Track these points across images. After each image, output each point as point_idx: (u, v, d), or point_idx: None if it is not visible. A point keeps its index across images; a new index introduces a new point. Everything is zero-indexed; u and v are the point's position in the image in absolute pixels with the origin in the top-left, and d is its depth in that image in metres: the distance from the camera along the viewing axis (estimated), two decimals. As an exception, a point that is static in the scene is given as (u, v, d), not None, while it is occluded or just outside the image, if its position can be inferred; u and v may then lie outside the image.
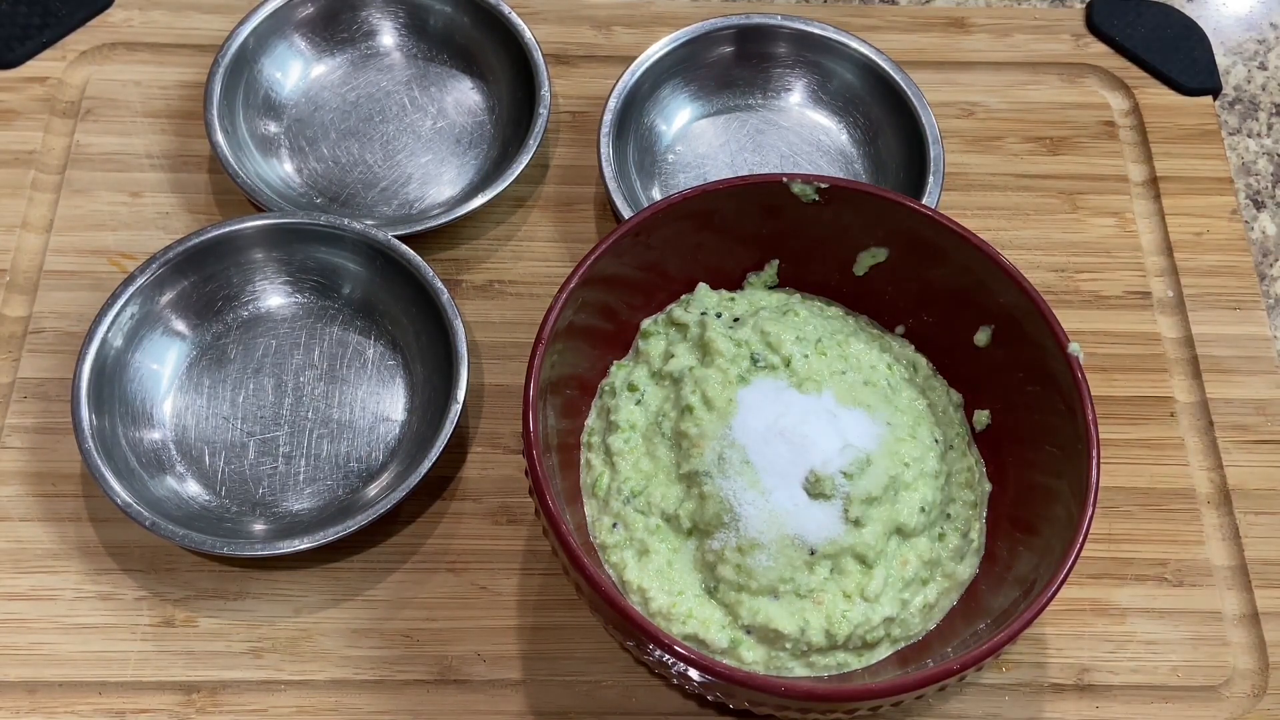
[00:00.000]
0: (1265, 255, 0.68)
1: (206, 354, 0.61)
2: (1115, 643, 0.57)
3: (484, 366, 0.63)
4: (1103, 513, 0.60)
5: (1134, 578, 0.59)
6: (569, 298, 0.52)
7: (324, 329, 0.62)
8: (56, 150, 0.67)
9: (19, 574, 0.56)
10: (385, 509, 0.55)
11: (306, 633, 0.56)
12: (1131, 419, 0.63)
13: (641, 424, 0.54)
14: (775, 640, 0.50)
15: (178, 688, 0.54)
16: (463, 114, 0.69)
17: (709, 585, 0.51)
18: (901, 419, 0.53)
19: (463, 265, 0.65)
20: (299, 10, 0.68)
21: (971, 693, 0.56)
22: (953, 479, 0.54)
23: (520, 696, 0.55)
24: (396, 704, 0.55)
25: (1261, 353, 0.65)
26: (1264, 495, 0.61)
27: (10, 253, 0.64)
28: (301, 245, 0.62)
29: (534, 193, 0.68)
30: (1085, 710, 0.56)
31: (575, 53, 0.72)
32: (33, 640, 0.55)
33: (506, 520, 0.59)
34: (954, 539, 0.53)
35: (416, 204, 0.66)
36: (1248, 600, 0.59)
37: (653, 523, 0.52)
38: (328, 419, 0.60)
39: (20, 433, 0.60)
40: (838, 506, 0.51)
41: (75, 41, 0.70)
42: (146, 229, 0.65)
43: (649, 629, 0.45)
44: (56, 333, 0.62)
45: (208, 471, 0.58)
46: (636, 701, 0.55)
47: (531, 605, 0.57)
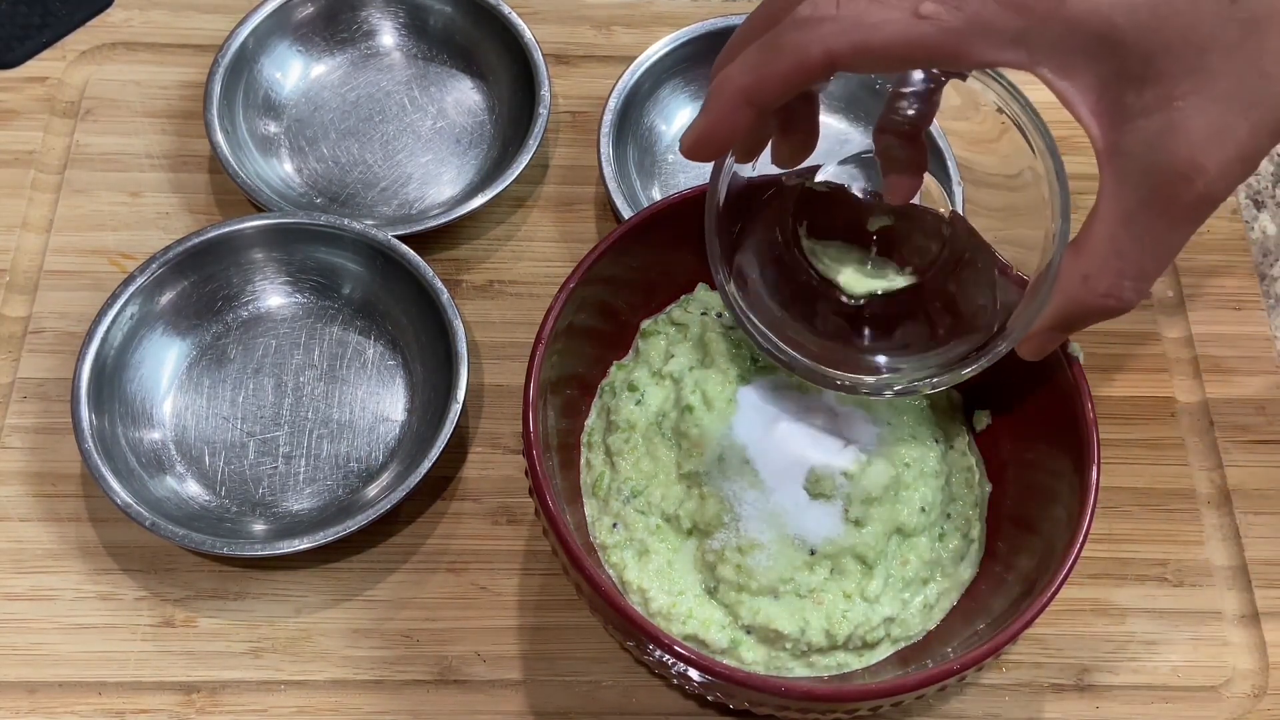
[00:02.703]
0: (1265, 255, 0.68)
1: (206, 354, 0.61)
2: (1115, 643, 0.57)
3: (484, 366, 0.63)
4: (1103, 513, 0.60)
5: (1134, 578, 0.59)
6: (569, 298, 0.52)
7: (324, 329, 0.62)
8: (56, 150, 0.67)
9: (19, 574, 0.56)
10: (385, 509, 0.55)
11: (306, 633, 0.56)
12: (1131, 419, 0.63)
13: (641, 424, 0.54)
14: (775, 640, 0.50)
15: (177, 688, 0.54)
16: (463, 114, 0.69)
17: (709, 585, 0.51)
18: (901, 419, 0.53)
19: (463, 265, 0.65)
20: (299, 10, 0.68)
21: (971, 693, 0.56)
22: (953, 479, 0.54)
23: (520, 696, 0.55)
24: (396, 704, 0.55)
25: (1262, 353, 0.65)
26: (1264, 495, 0.61)
27: (10, 253, 0.64)
28: (301, 245, 0.62)
29: (534, 193, 0.68)
30: (1085, 710, 0.56)
31: (575, 53, 0.72)
32: (32, 640, 0.55)
33: (506, 520, 0.59)
34: (954, 539, 0.53)
35: (416, 204, 0.66)
36: (1248, 600, 0.59)
37: (653, 523, 0.52)
38: (328, 419, 0.60)
39: (20, 433, 0.60)
40: (838, 506, 0.51)
41: (75, 41, 0.70)
42: (146, 229, 0.65)
43: (649, 629, 0.45)
44: (56, 333, 0.62)
45: (207, 471, 0.58)
46: (636, 702, 0.55)
47: (531, 605, 0.57)
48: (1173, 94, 0.40)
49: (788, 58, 0.39)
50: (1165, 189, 0.41)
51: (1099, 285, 0.44)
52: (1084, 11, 0.39)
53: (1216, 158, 0.41)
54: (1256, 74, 0.40)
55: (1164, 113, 0.40)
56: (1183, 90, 0.40)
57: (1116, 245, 0.43)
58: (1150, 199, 0.42)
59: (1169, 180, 0.41)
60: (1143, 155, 0.41)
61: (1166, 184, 0.41)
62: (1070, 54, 0.40)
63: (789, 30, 0.40)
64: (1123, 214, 0.42)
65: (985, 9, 0.38)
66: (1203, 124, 0.40)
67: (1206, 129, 0.40)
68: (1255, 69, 0.40)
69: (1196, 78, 0.40)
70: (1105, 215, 0.43)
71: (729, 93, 0.41)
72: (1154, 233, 0.43)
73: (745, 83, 0.41)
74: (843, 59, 0.39)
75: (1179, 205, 0.42)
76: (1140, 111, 0.41)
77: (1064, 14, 0.39)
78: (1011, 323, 0.46)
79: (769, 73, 0.40)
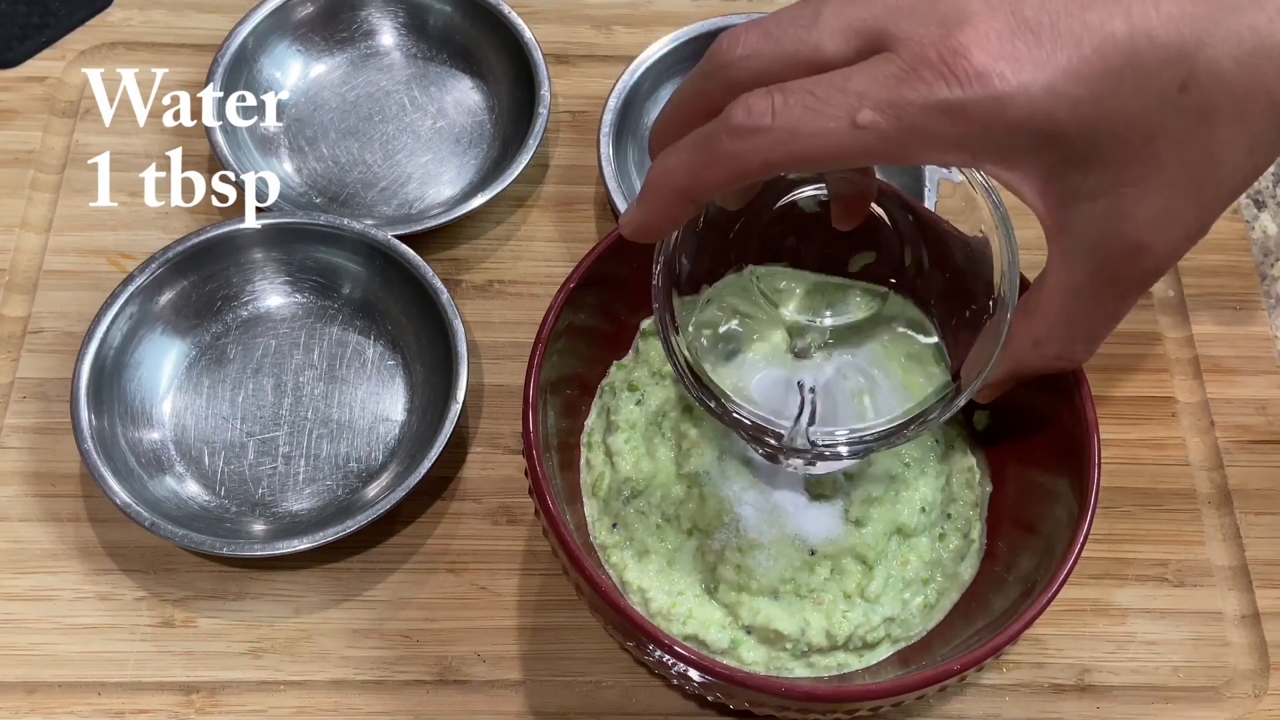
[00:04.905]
0: (1266, 255, 0.68)
1: (206, 354, 0.61)
2: (1116, 643, 0.57)
3: (484, 366, 0.62)
4: (1103, 513, 0.60)
5: (1135, 578, 0.59)
6: (569, 298, 0.51)
7: (324, 329, 0.62)
8: (56, 150, 0.67)
9: (18, 574, 0.56)
10: (385, 509, 0.55)
11: (306, 633, 0.56)
12: (1132, 419, 0.63)
13: (642, 424, 0.54)
14: (775, 640, 0.50)
15: (177, 688, 0.54)
16: (463, 114, 0.69)
17: (709, 585, 0.51)
18: (902, 419, 0.53)
19: (463, 265, 0.65)
20: (299, 10, 0.68)
21: (972, 693, 0.56)
22: (953, 479, 0.54)
23: (520, 697, 0.55)
24: (396, 704, 0.55)
25: (1262, 353, 0.65)
26: (1265, 495, 0.61)
27: (9, 253, 0.64)
28: (301, 245, 0.62)
29: (534, 192, 0.68)
30: (1086, 711, 0.56)
31: (575, 52, 0.72)
32: (32, 640, 0.55)
33: (506, 520, 0.59)
34: (954, 539, 0.53)
35: (416, 204, 0.66)
36: (1248, 600, 0.59)
37: (653, 523, 0.52)
38: (327, 419, 0.60)
39: (20, 433, 0.60)
40: (838, 506, 0.51)
41: (74, 41, 0.70)
42: (146, 229, 0.65)
43: (649, 629, 0.45)
44: (56, 333, 0.62)
45: (207, 471, 0.58)
46: (636, 702, 0.55)
47: (531, 605, 0.57)
48: (1119, 180, 0.40)
49: (725, 165, 0.39)
50: (1112, 266, 0.43)
51: (1049, 350, 0.46)
52: (1025, 115, 0.38)
53: (1164, 239, 0.42)
54: (1205, 161, 0.40)
55: (1110, 198, 0.41)
56: (1129, 177, 0.40)
57: (1066, 314, 0.45)
58: (1098, 273, 0.43)
59: (1116, 258, 0.42)
60: (1090, 235, 0.42)
61: (1113, 261, 0.43)
62: (1014, 151, 0.39)
63: (724, 139, 0.39)
64: (1072, 286, 0.44)
65: (924, 119, 0.37)
66: (1149, 209, 0.41)
67: (1154, 214, 0.41)
68: (1204, 156, 0.40)
69: (1143, 165, 0.40)
70: (1054, 286, 0.44)
71: (667, 191, 0.41)
72: (1103, 303, 0.45)
73: (682, 183, 0.40)
74: (781, 167, 0.39)
75: (1127, 279, 0.43)
76: (1087, 194, 0.41)
77: (1005, 118, 0.38)
78: (965, 376, 0.47)
79: (706, 176, 0.40)
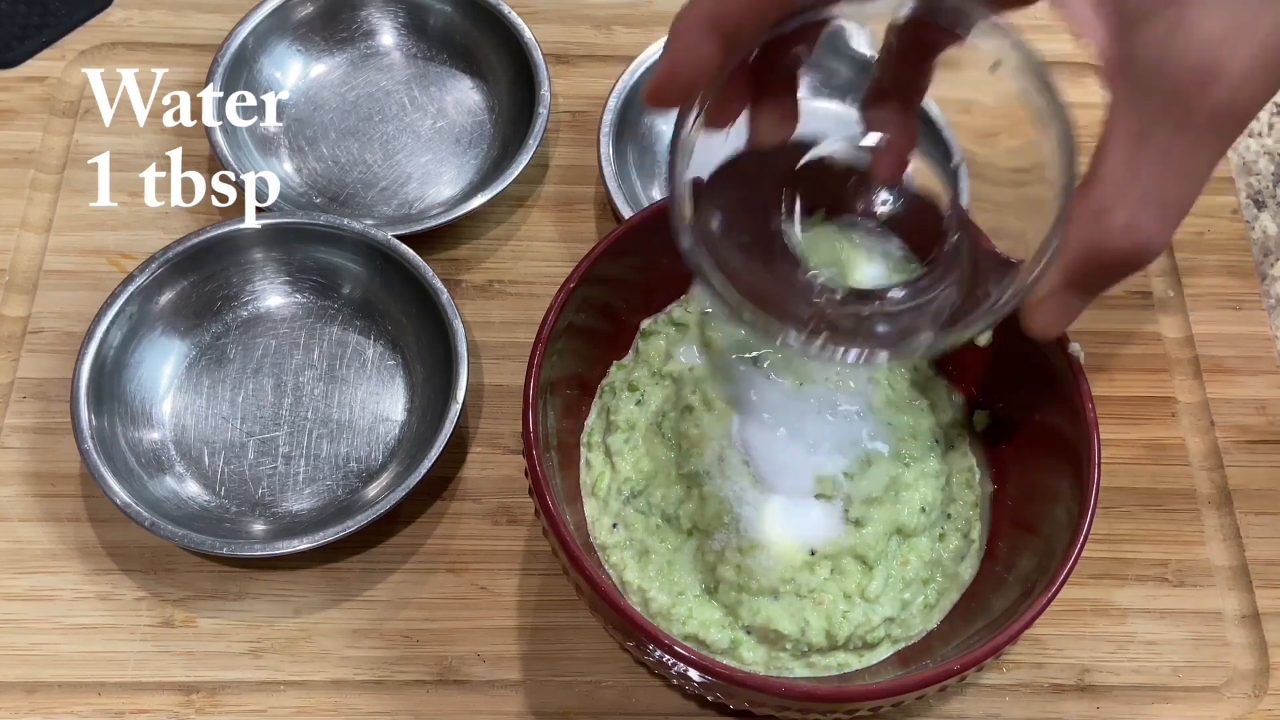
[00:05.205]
0: (1266, 255, 0.68)
1: (206, 354, 0.61)
2: (1116, 643, 0.57)
3: (484, 366, 0.62)
4: (1103, 513, 0.59)
5: (1135, 578, 0.59)
6: (569, 298, 0.51)
7: (324, 329, 0.62)
8: (56, 150, 0.67)
9: (18, 574, 0.56)
10: (385, 509, 0.55)
11: (306, 633, 0.56)
12: (1132, 419, 0.63)
13: (642, 424, 0.54)
14: (775, 640, 0.50)
15: (177, 688, 0.54)
16: (462, 114, 0.69)
17: (709, 585, 0.51)
18: (902, 419, 0.53)
19: (463, 265, 0.65)
20: (299, 10, 0.68)
21: (972, 693, 0.56)
22: (953, 479, 0.54)
23: (520, 697, 0.55)
24: (396, 704, 0.55)
25: (1262, 353, 0.65)
26: (1265, 495, 0.61)
27: (10, 252, 0.64)
28: (301, 245, 0.62)
29: (534, 193, 0.68)
30: (1086, 710, 0.56)
31: (575, 52, 0.72)
32: (32, 641, 0.55)
33: (506, 520, 0.59)
34: (954, 539, 0.53)
35: (416, 204, 0.66)
36: (1248, 600, 0.59)
37: (653, 523, 0.52)
38: (327, 419, 0.60)
39: (20, 433, 0.60)
40: (838, 506, 0.51)
41: (74, 41, 0.70)
42: (146, 229, 0.65)
43: (649, 629, 0.45)
44: (56, 333, 0.62)
45: (207, 471, 0.58)
46: (636, 702, 0.55)
47: (531, 605, 0.57)
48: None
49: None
50: (1182, 96, 0.37)
51: (1116, 218, 0.39)
52: None
53: (1236, 56, 0.36)
54: None
55: (1175, 9, 0.36)
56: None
57: (1132, 167, 0.38)
58: (1166, 110, 0.37)
59: (1185, 86, 0.37)
60: (1154, 60, 0.37)
61: (1183, 90, 0.37)
62: None
63: None
64: (1136, 131, 0.38)
65: None
66: (1217, 20, 0.36)
67: (1222, 25, 0.36)
68: None
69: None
70: (1116, 137, 0.38)
71: (690, 22, 0.37)
72: (1174, 151, 0.38)
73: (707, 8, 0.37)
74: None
75: (1199, 115, 0.37)
76: (1149, 13, 0.37)
77: None
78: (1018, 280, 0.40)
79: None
